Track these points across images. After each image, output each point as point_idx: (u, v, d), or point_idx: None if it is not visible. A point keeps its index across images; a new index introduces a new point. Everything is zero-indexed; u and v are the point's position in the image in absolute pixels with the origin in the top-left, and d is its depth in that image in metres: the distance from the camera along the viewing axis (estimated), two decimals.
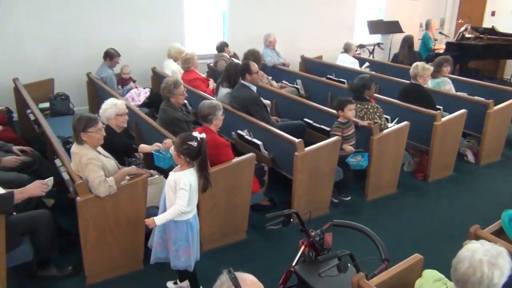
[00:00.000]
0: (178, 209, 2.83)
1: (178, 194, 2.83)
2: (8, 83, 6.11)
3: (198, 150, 2.85)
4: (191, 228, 2.97)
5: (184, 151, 2.83)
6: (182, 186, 2.82)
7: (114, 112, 3.86)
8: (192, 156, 2.86)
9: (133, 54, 7.20)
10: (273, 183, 4.60)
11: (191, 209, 2.95)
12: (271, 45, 7.76)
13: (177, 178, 2.85)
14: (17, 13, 6.39)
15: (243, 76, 5.00)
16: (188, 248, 2.97)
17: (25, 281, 3.40)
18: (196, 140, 2.85)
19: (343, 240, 3.13)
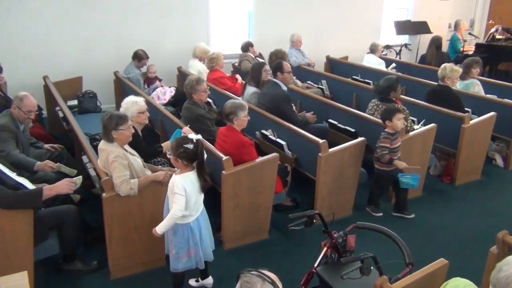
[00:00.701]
0: (174, 214, 2.81)
1: (174, 198, 2.82)
2: (38, 81, 6.26)
3: (195, 152, 2.82)
4: (191, 231, 2.95)
5: (180, 154, 2.81)
6: (176, 191, 2.81)
7: (136, 110, 3.87)
8: (189, 158, 2.84)
9: (159, 53, 7.29)
10: (296, 183, 4.58)
11: (189, 213, 2.92)
12: (296, 45, 7.74)
13: (174, 182, 2.85)
14: (48, 13, 6.55)
15: (274, 74, 5.02)
16: (189, 250, 2.97)
17: (51, 274, 3.47)
18: (192, 142, 2.83)
19: (366, 243, 3.10)
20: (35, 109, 4.08)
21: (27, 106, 3.96)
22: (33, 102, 4.04)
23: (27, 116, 3.99)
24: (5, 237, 2.95)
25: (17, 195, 2.94)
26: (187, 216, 2.90)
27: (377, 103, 4.76)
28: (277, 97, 4.87)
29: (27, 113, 3.97)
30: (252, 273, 1.50)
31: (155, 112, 5.37)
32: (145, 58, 6.56)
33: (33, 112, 4.05)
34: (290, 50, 7.64)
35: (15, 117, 3.95)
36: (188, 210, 2.89)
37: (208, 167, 4.03)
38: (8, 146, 3.74)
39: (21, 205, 2.94)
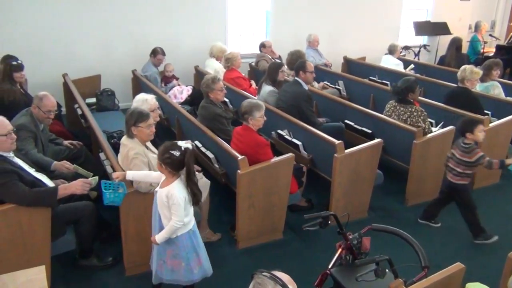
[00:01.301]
0: (174, 225, 2.70)
1: (173, 210, 2.69)
2: (58, 78, 6.36)
3: (180, 160, 2.66)
4: (195, 236, 2.87)
5: (165, 160, 2.67)
6: (175, 201, 2.67)
7: (146, 108, 3.80)
8: (174, 166, 2.68)
9: (176, 52, 7.33)
10: (312, 184, 4.57)
11: (190, 219, 2.83)
12: (313, 45, 7.72)
13: (168, 193, 2.70)
14: (69, 12, 6.64)
15: (297, 73, 5.03)
16: (198, 257, 2.88)
17: (67, 269, 3.52)
18: (180, 150, 2.66)
19: (381, 245, 3.07)
20: (54, 109, 4.10)
21: (47, 106, 4.00)
22: (53, 102, 4.07)
23: (47, 116, 4.03)
24: (23, 231, 3.00)
25: (33, 193, 2.98)
26: (189, 222, 2.82)
27: (395, 104, 4.72)
28: (299, 96, 4.88)
29: (46, 112, 4.01)
30: (264, 274, 1.49)
31: (171, 111, 5.41)
32: (160, 53, 6.59)
33: (52, 112, 4.07)
34: (307, 50, 7.62)
35: (35, 117, 4.00)
36: (189, 215, 2.81)
37: (222, 168, 4.06)
38: (27, 146, 3.79)
39: (37, 203, 2.98)
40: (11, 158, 3.14)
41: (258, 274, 1.49)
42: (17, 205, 2.93)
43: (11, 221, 2.95)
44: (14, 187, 2.94)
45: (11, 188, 2.93)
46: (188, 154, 2.68)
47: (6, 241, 2.97)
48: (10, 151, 3.16)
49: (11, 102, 4.77)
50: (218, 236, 3.97)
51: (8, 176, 2.96)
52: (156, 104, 3.96)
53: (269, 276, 1.48)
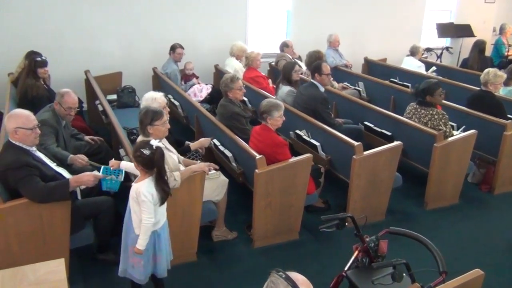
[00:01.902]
0: (145, 223, 2.70)
1: (142, 207, 2.70)
2: (80, 74, 6.45)
3: (150, 159, 2.66)
4: (158, 238, 2.85)
5: (137, 158, 2.69)
6: (143, 198, 2.68)
7: (156, 106, 3.87)
8: (145, 164, 2.69)
9: (197, 51, 7.37)
10: (329, 185, 4.55)
11: (158, 220, 2.81)
12: (333, 46, 7.67)
13: (137, 189, 2.72)
14: (91, 9, 6.73)
15: (313, 75, 5.02)
16: (155, 256, 2.88)
17: (85, 262, 3.58)
18: (151, 148, 2.67)
19: (398, 249, 3.05)
20: (75, 106, 4.13)
21: (67, 102, 4.05)
22: (74, 99, 4.10)
23: (67, 112, 4.07)
24: (44, 224, 3.06)
25: (47, 188, 3.02)
26: (156, 223, 2.80)
27: (415, 106, 4.66)
28: (314, 99, 4.85)
29: (67, 109, 4.06)
30: (280, 274, 1.49)
31: (191, 109, 5.44)
32: (179, 47, 6.62)
33: (73, 109, 4.10)
34: (328, 50, 7.59)
35: (57, 113, 4.07)
36: (157, 215, 2.80)
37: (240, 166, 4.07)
38: (47, 140, 3.85)
39: (50, 197, 3.02)
40: (33, 152, 3.21)
41: (274, 273, 1.49)
42: (30, 201, 2.97)
43: (32, 214, 3.01)
44: (32, 182, 2.98)
45: (29, 183, 2.98)
46: (158, 153, 2.68)
47: (27, 234, 3.03)
48: (33, 145, 3.22)
49: (34, 97, 4.86)
50: (234, 235, 3.98)
51: (28, 170, 3.02)
52: (165, 101, 3.95)
53: (284, 277, 1.47)
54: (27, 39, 6.21)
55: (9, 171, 3.00)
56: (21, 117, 3.15)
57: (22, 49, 5.67)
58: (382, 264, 2.42)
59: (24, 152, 3.11)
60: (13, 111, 3.25)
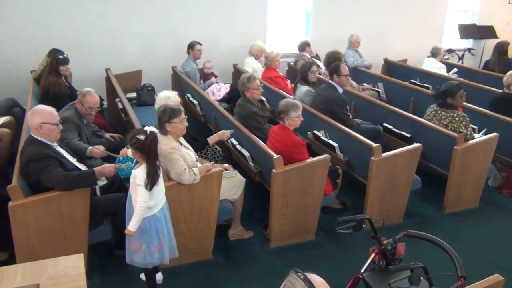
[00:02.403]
0: (139, 206, 2.79)
1: (138, 191, 2.79)
2: (101, 72, 6.54)
3: (144, 143, 2.78)
4: (159, 222, 2.93)
5: (133, 145, 2.81)
6: (138, 182, 2.78)
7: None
8: (142, 150, 2.80)
9: (216, 50, 7.41)
10: (346, 186, 4.52)
11: (155, 203, 2.90)
12: (354, 46, 7.62)
13: (134, 175, 2.82)
14: (113, 8, 6.82)
15: (331, 76, 5.00)
16: (160, 243, 2.95)
17: (103, 258, 3.63)
18: (145, 134, 2.80)
19: (416, 252, 3.01)
20: (96, 106, 4.20)
21: (89, 102, 4.12)
22: (95, 99, 4.17)
23: (88, 112, 4.14)
24: (63, 220, 3.11)
25: (72, 175, 3.09)
26: (152, 207, 2.89)
27: (436, 108, 4.60)
28: (332, 100, 4.83)
29: (88, 109, 4.12)
30: (298, 274, 1.48)
31: (209, 108, 5.47)
32: (197, 43, 6.64)
33: (94, 109, 4.17)
34: (348, 50, 7.54)
35: (79, 111, 4.14)
36: (154, 199, 2.88)
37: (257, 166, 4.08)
38: (69, 135, 3.92)
39: (77, 184, 3.08)
40: (54, 147, 3.28)
41: (293, 273, 1.49)
42: (57, 188, 3.04)
43: (52, 209, 3.06)
44: (55, 171, 3.05)
45: (52, 172, 3.04)
46: (150, 138, 2.80)
47: (47, 229, 3.08)
48: (55, 140, 3.30)
49: (56, 94, 4.95)
50: (250, 234, 3.99)
51: (50, 160, 3.09)
52: (179, 100, 4.01)
53: (302, 278, 1.47)
54: (49, 38, 6.32)
55: (31, 163, 3.08)
56: (46, 112, 3.23)
57: (44, 47, 5.78)
58: (400, 267, 2.40)
59: (45, 146, 3.18)
60: (37, 107, 3.32)
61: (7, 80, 6.22)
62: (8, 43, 6.37)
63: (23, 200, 2.96)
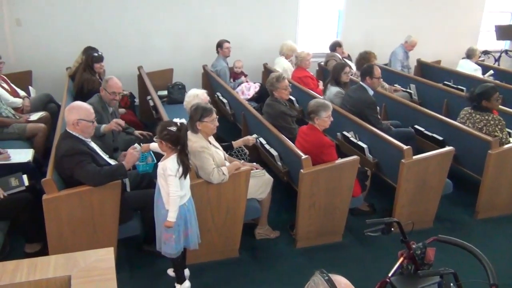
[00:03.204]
0: (171, 196, 2.87)
1: (168, 181, 2.87)
2: (133, 70, 6.66)
3: (177, 135, 2.85)
4: (187, 211, 3.01)
5: (164, 136, 2.85)
6: (169, 172, 2.85)
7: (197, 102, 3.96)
8: (173, 141, 2.86)
9: (246, 49, 7.43)
10: (375, 188, 4.46)
11: (184, 193, 2.98)
12: (407, 48, 7.48)
13: (163, 165, 2.89)
14: (146, 7, 6.93)
15: (363, 78, 4.93)
16: (186, 230, 3.03)
17: (131, 252, 3.70)
18: (176, 125, 2.86)
19: (446, 258, 2.96)
20: (119, 91, 4.29)
21: (111, 87, 4.21)
22: (117, 84, 4.26)
23: (112, 97, 4.23)
24: (94, 214, 3.19)
25: (105, 170, 3.17)
26: (183, 196, 2.97)
27: (470, 111, 4.49)
28: (362, 103, 4.77)
29: (111, 94, 4.22)
30: (323, 275, 1.47)
31: (238, 107, 5.49)
32: (225, 41, 6.68)
33: (117, 94, 4.26)
34: (399, 49, 7.43)
35: (103, 99, 4.22)
36: (184, 189, 2.96)
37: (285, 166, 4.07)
38: None
39: (110, 177, 3.15)
40: (88, 143, 3.36)
41: (318, 273, 1.48)
42: (89, 184, 3.11)
43: (84, 203, 3.14)
44: (88, 167, 3.13)
45: (85, 167, 3.12)
46: (183, 128, 2.90)
47: (79, 222, 3.16)
48: (89, 136, 3.38)
49: (90, 91, 5.06)
50: (277, 234, 3.99)
51: (83, 156, 3.17)
52: (207, 98, 4.05)
53: (326, 279, 1.45)
54: (84, 36, 6.47)
55: (65, 158, 3.16)
56: (83, 109, 3.32)
57: (79, 45, 5.92)
58: (429, 273, 2.35)
59: (79, 141, 3.26)
60: (75, 103, 3.41)
61: (43, 76, 6.41)
62: (45, 41, 6.57)
63: (56, 194, 3.04)
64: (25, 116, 4.88)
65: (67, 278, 1.65)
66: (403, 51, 7.49)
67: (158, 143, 2.94)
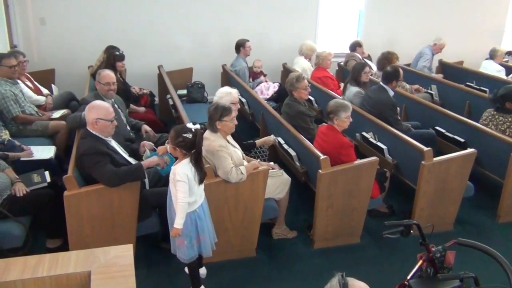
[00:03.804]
0: (179, 202, 2.80)
1: (177, 187, 2.80)
2: (153, 69, 6.72)
3: (193, 142, 2.79)
4: (198, 218, 2.94)
5: (179, 143, 2.79)
6: (178, 178, 2.78)
7: (229, 100, 3.95)
8: (187, 148, 2.81)
9: (266, 49, 7.44)
10: (394, 190, 4.41)
11: (194, 200, 2.91)
12: (435, 50, 7.38)
13: (174, 171, 2.83)
14: (166, 6, 6.99)
15: (388, 81, 4.87)
16: (198, 236, 2.96)
17: (149, 249, 3.73)
18: (191, 131, 2.80)
19: (466, 261, 2.91)
20: (112, 80, 4.30)
21: (104, 77, 4.25)
22: (109, 74, 4.30)
23: (107, 88, 4.25)
24: (114, 210, 3.23)
25: (122, 171, 3.19)
26: (193, 203, 2.90)
27: (493, 113, 4.41)
28: (382, 104, 4.72)
29: (106, 84, 4.25)
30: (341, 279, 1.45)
31: (257, 106, 5.49)
32: (246, 41, 6.68)
33: (111, 83, 4.27)
34: (427, 50, 7.34)
35: (100, 94, 4.28)
36: (193, 196, 2.89)
37: (303, 166, 4.06)
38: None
39: (127, 178, 3.18)
40: (108, 142, 3.40)
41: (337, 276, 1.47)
42: (105, 185, 3.14)
43: (104, 200, 3.18)
44: (105, 168, 3.15)
45: (102, 168, 3.15)
46: (198, 134, 2.84)
47: (98, 218, 3.21)
48: (109, 135, 3.41)
49: None
50: (294, 234, 3.98)
51: (101, 156, 3.20)
52: (238, 98, 4.09)
53: (342, 283, 1.44)
54: (105, 35, 6.55)
55: (84, 157, 3.21)
56: (102, 108, 3.35)
57: (101, 44, 6.00)
58: (449, 276, 2.32)
59: (99, 141, 3.30)
60: (94, 103, 3.44)
61: (66, 75, 6.51)
62: (68, 40, 6.68)
63: (77, 190, 3.09)
64: (48, 114, 4.97)
65: (87, 274, 1.68)
66: (431, 52, 7.38)
67: (171, 149, 2.89)
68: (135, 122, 4.66)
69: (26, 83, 5.17)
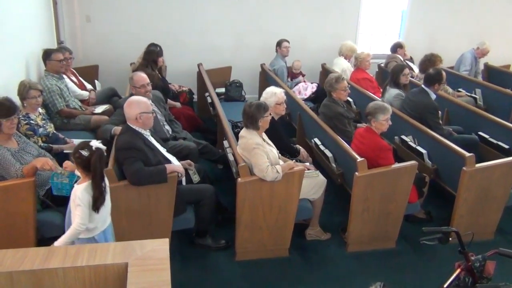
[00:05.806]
0: (76, 228, 2.47)
1: (77, 211, 2.49)
2: (193, 67, 6.81)
3: (88, 160, 2.49)
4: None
5: (76, 159, 2.53)
6: (78, 202, 2.49)
7: (274, 101, 4.05)
8: (83, 166, 2.52)
9: (305, 49, 7.40)
10: (433, 196, 4.30)
11: (95, 226, 2.61)
12: (478, 54, 7.16)
13: (74, 192, 2.54)
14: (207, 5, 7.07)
15: (430, 83, 4.76)
16: None
17: (184, 245, 3.79)
18: (90, 150, 2.50)
19: (507, 273, 2.80)
20: (146, 82, 4.28)
21: (138, 81, 4.25)
22: (142, 76, 4.29)
23: (144, 90, 4.23)
24: (150, 205, 3.30)
25: (146, 172, 3.21)
26: (92, 229, 2.61)
27: None
28: (424, 107, 4.61)
29: (141, 87, 4.24)
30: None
31: (294, 106, 5.47)
32: (284, 41, 6.66)
33: (146, 85, 4.26)
34: (469, 54, 7.14)
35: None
36: (93, 222, 2.59)
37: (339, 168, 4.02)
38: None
39: (149, 180, 3.21)
40: (147, 136, 3.45)
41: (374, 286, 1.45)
42: (129, 181, 3.19)
43: (141, 194, 3.26)
44: (134, 164, 3.19)
45: (131, 164, 3.19)
46: (96, 155, 2.51)
47: (136, 212, 3.29)
48: (150, 127, 3.49)
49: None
50: (328, 236, 3.95)
51: (134, 152, 3.23)
52: (284, 97, 4.15)
53: None
54: (147, 33, 6.68)
55: (120, 151, 3.29)
56: (142, 103, 3.42)
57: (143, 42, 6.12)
58: (488, 287, 2.25)
59: (137, 135, 3.36)
60: (133, 98, 3.51)
61: (109, 71, 6.69)
62: (112, 38, 6.87)
63: (116, 183, 3.17)
64: (91, 108, 5.11)
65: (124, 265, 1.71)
66: (473, 56, 7.14)
67: (75, 165, 2.61)
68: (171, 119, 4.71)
69: (71, 78, 5.34)
